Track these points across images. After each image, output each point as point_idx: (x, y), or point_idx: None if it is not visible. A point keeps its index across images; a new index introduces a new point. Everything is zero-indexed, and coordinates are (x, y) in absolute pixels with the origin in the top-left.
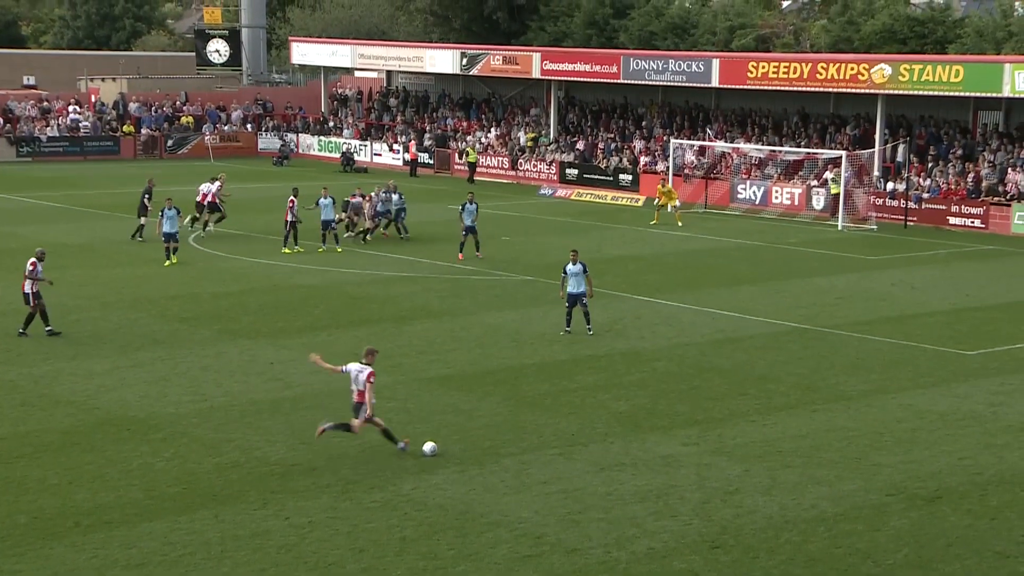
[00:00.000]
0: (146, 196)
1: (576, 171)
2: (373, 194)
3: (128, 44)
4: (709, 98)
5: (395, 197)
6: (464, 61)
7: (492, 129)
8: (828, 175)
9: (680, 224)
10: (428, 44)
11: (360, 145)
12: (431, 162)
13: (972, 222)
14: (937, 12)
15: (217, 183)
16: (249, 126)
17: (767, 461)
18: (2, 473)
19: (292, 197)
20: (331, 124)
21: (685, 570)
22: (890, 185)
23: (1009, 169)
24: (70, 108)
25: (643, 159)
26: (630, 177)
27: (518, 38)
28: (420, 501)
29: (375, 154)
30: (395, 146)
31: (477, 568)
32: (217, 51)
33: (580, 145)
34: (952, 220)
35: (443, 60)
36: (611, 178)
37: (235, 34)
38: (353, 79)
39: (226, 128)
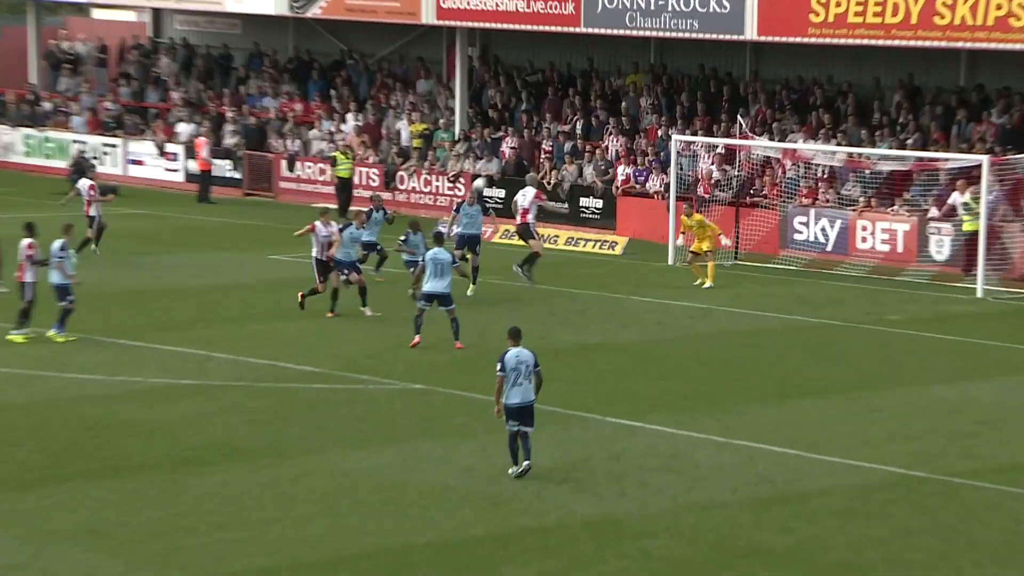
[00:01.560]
0: None
1: (502, 193)
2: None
3: None
4: (741, 60)
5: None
6: None
7: (348, 117)
8: (958, 198)
9: (707, 283)
10: None
11: (103, 146)
12: (237, 176)
13: None
14: None
15: None
16: None
17: None
18: None
19: (28, 240)
20: (48, 106)
21: None
22: None
23: None
24: None
25: (623, 170)
26: (599, 203)
27: None
28: None
29: (131, 160)
30: (169, 147)
31: None
32: None
33: (509, 146)
34: None
35: None
36: (565, 205)
37: None
38: (89, 24)
39: None
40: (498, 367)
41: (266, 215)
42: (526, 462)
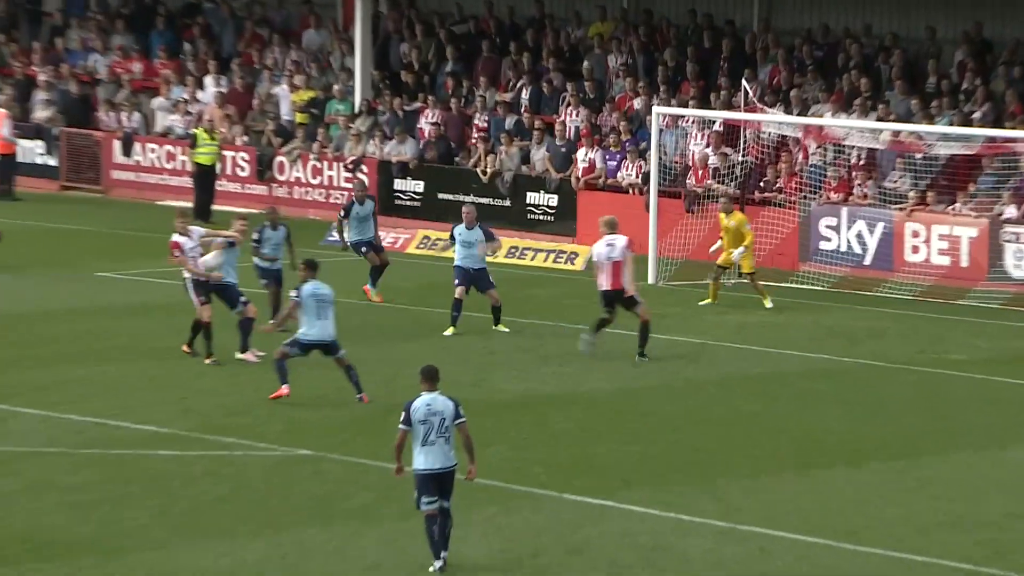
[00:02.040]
0: None
1: (420, 186)
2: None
3: None
4: (747, 5)
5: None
6: None
7: (207, 81)
8: None
9: (767, 303)
10: None
11: None
12: (52, 163)
13: None
14: None
15: None
16: None
17: None
18: None
19: None
20: None
21: None
22: None
23: None
24: None
25: (586, 155)
26: (553, 200)
27: None
28: None
29: None
30: None
31: None
32: None
33: (429, 122)
34: None
35: None
36: (505, 203)
37: None
38: None
39: None
40: (401, 417)
41: (92, 216)
42: (443, 553)
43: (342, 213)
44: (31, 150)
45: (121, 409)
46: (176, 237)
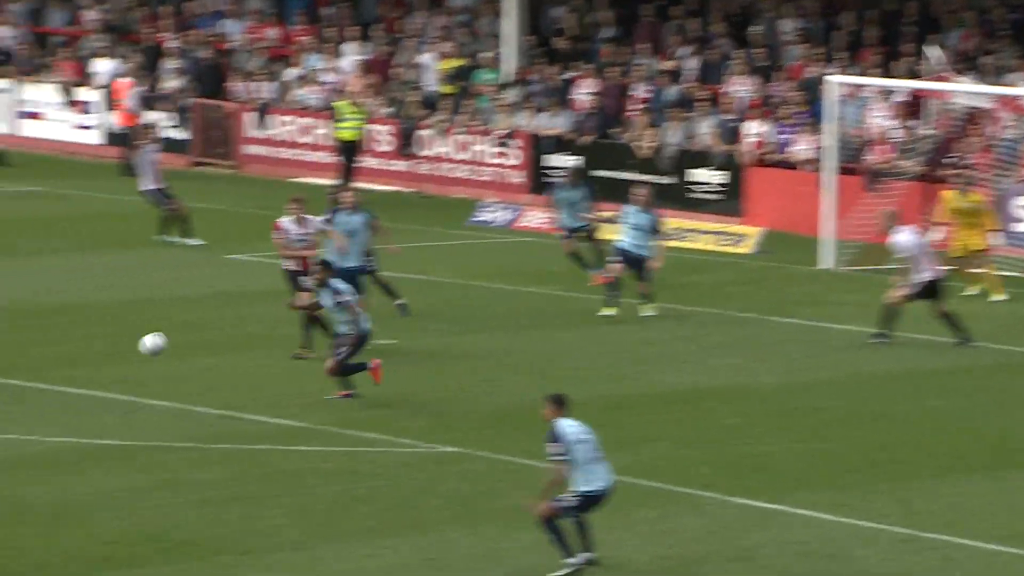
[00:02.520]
0: None
1: (576, 160)
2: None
3: None
4: None
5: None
6: None
7: (346, 49)
8: None
9: (998, 296)
10: None
11: None
12: (182, 136)
13: None
14: None
15: None
16: None
17: None
18: None
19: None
20: None
21: None
22: None
23: None
24: None
25: (755, 128)
26: (720, 178)
27: None
28: None
29: (23, 112)
30: (80, 93)
31: None
32: None
33: (584, 92)
34: None
35: None
36: (666, 180)
37: None
38: None
39: None
40: (552, 448)
41: (223, 194)
42: (586, 555)
43: (555, 195)
44: (159, 123)
45: (253, 402)
46: (283, 219)
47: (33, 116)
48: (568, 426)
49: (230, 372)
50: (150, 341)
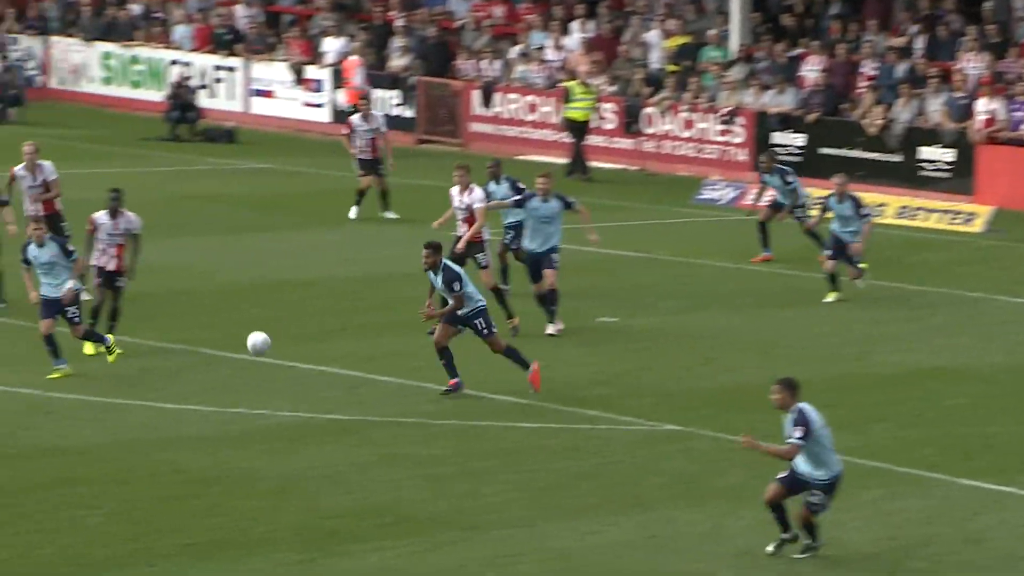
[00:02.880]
0: None
1: (801, 140)
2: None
3: None
4: None
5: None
6: None
7: (573, 27)
8: None
9: None
10: None
11: (215, 69)
12: (408, 114)
13: None
14: None
15: None
16: None
17: None
18: None
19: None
20: (136, 9)
21: None
22: None
23: None
24: None
25: (987, 106)
26: (950, 156)
27: None
28: None
29: (254, 90)
30: (310, 71)
31: None
32: None
33: (812, 69)
34: None
35: None
36: (895, 158)
37: None
38: None
39: None
40: (796, 432)
41: (449, 172)
42: (812, 544)
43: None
44: (386, 100)
45: (477, 378)
46: (453, 188)
47: (264, 94)
48: (813, 411)
49: (455, 348)
50: (261, 341)
